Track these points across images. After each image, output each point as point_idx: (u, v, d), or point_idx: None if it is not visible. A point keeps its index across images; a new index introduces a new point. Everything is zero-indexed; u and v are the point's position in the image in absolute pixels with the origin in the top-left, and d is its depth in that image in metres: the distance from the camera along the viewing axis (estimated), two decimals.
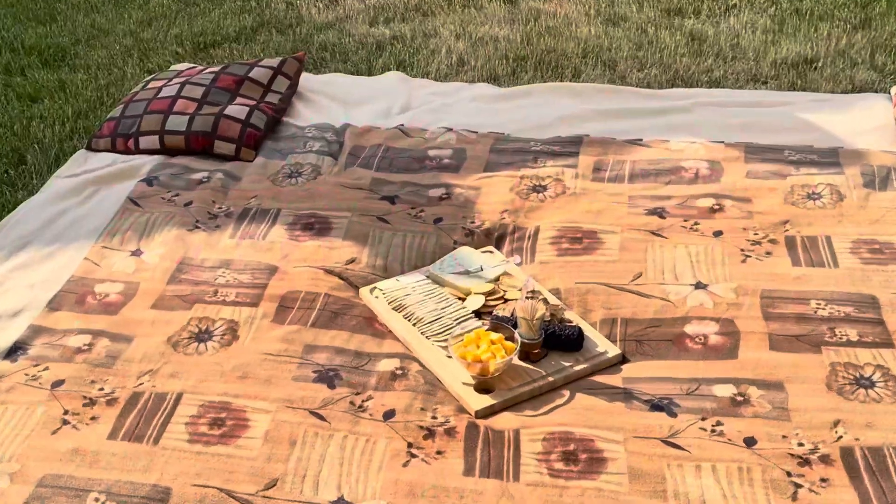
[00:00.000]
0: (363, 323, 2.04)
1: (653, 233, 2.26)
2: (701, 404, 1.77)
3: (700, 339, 1.93)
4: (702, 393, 1.79)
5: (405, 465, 1.68)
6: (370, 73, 3.63)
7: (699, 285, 2.07)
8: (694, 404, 1.77)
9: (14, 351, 1.99)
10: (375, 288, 2.12)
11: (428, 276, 2.15)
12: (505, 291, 2.08)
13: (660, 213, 2.33)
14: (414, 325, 2.00)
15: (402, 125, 2.85)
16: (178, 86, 2.91)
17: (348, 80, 3.28)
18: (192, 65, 3.25)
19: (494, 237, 2.33)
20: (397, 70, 3.46)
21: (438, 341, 1.94)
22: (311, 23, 4.09)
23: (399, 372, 1.89)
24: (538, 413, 1.78)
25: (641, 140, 2.68)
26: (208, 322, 2.05)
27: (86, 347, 1.99)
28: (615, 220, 2.32)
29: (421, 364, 1.91)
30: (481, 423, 1.76)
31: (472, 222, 2.37)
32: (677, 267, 2.14)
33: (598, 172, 2.54)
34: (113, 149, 2.79)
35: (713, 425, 1.72)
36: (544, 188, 2.48)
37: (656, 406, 1.77)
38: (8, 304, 2.14)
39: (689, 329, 1.96)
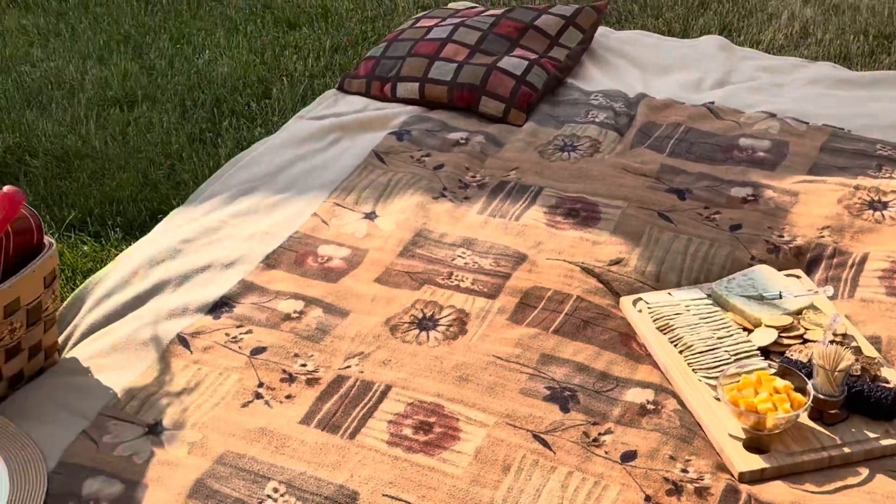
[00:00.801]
0: (617, 339, 2.02)
1: None
2: None
3: None
4: None
5: None
6: (685, 35, 3.58)
7: None
8: None
9: (219, 306, 2.14)
10: (640, 300, 2.10)
11: (709, 295, 2.10)
12: (806, 329, 1.99)
13: None
14: (680, 352, 1.96)
15: (713, 103, 2.81)
16: (452, 27, 3.02)
17: (656, 40, 3.27)
18: (473, 4, 3.35)
19: (806, 259, 2.24)
20: (720, 35, 3.39)
21: (707, 378, 1.89)
22: None
23: (650, 406, 1.86)
24: (821, 490, 1.69)
25: None
26: (435, 308, 2.11)
27: (296, 315, 2.11)
28: None
29: (680, 402, 1.87)
30: (744, 488, 1.70)
31: (781, 236, 2.29)
32: None
33: None
34: (367, 92, 2.95)
35: None
36: (885, 205, 2.35)
37: None
38: (222, 253, 2.31)
39: None
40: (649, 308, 2.06)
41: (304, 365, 1.99)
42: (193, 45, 3.35)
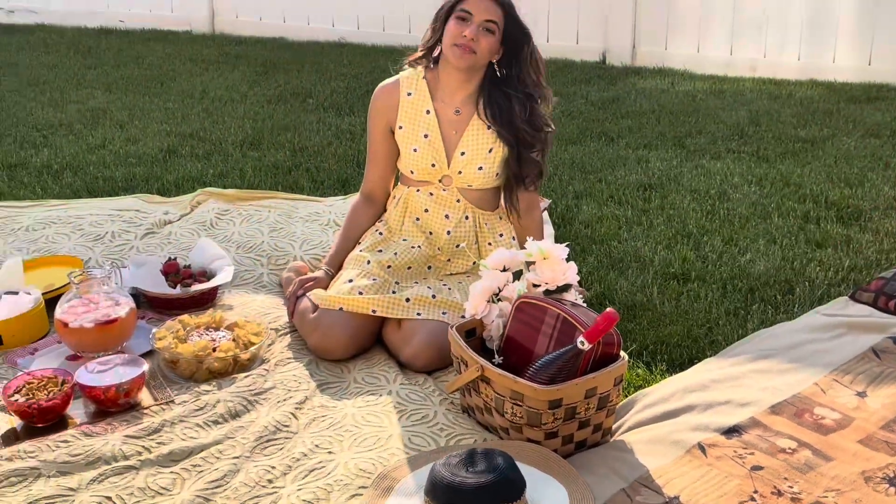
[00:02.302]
0: None
1: None
2: None
3: None
4: None
5: None
6: None
7: None
8: None
9: (732, 431, 2.43)
10: None
11: None
12: None
13: None
14: None
15: None
16: None
17: None
18: None
19: None
20: None
21: None
22: None
23: None
24: None
25: None
26: None
27: (789, 451, 2.34)
28: None
29: None
30: None
31: None
32: None
33: None
34: (873, 304, 3.10)
35: None
36: None
37: None
38: (739, 395, 2.59)
39: None
40: None
41: (790, 486, 2.20)
42: (739, 247, 3.70)
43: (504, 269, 2.66)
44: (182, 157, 4.76)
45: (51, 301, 3.12)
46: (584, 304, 2.59)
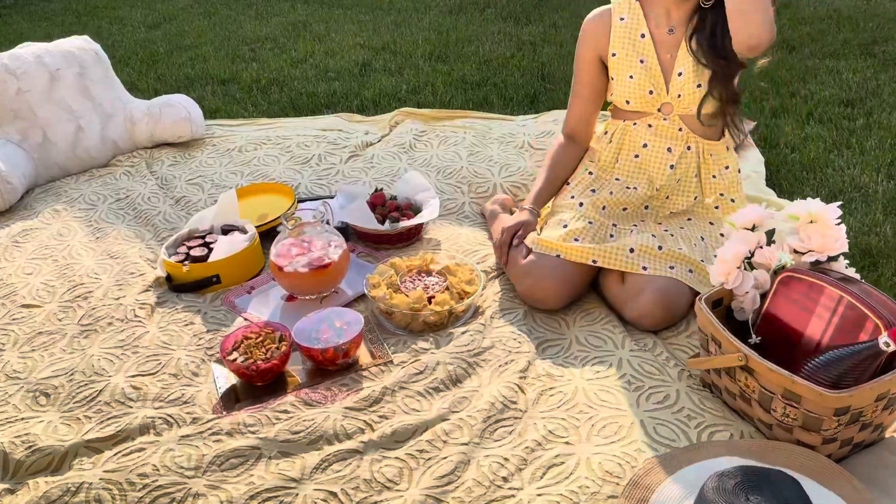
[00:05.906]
0: None
1: None
2: None
3: None
4: None
5: None
6: None
7: None
8: None
9: None
10: None
11: None
12: None
13: None
14: None
15: None
16: None
17: None
18: None
19: None
20: None
21: None
22: None
23: None
24: None
25: None
26: None
27: None
28: None
29: None
30: None
31: None
32: None
33: None
34: None
35: None
36: None
37: None
38: None
39: None
40: None
41: None
42: None
43: (753, 229, 1.86)
44: (376, 71, 4.01)
45: (265, 232, 2.52)
46: (858, 277, 1.77)
